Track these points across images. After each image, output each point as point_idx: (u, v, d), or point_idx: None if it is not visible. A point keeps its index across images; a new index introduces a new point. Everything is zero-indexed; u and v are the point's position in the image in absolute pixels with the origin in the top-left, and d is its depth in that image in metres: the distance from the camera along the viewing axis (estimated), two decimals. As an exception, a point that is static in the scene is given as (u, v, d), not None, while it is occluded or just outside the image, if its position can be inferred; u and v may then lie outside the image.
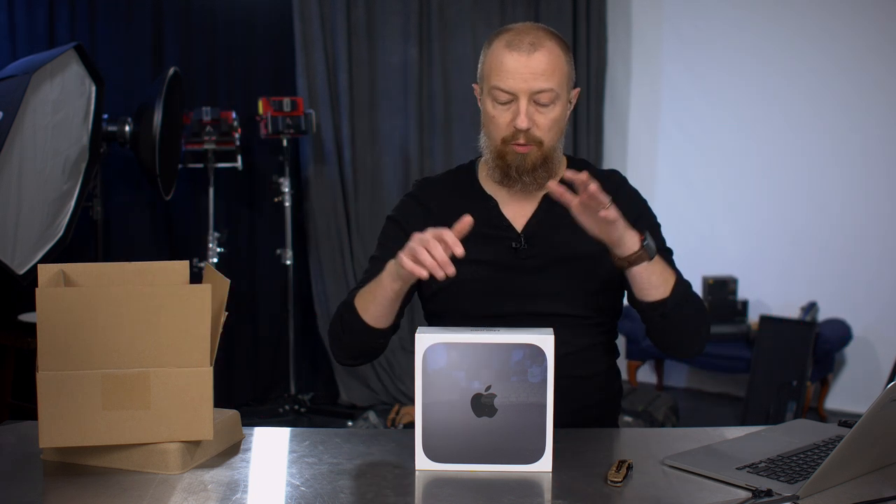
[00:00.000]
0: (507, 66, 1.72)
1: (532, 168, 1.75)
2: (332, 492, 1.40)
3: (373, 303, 1.68)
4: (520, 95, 1.71)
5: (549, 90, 1.71)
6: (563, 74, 1.74)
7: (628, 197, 1.83)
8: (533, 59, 1.71)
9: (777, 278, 4.86)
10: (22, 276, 3.34)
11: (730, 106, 4.99)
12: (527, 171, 1.75)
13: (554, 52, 1.73)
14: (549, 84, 1.71)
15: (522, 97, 1.71)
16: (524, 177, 1.75)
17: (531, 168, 1.75)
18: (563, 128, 1.79)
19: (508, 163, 1.75)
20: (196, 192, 4.64)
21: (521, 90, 1.71)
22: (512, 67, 1.71)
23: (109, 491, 1.40)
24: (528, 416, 1.47)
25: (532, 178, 1.75)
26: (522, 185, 1.77)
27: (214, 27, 4.70)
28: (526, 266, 1.77)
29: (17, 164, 3.27)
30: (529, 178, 1.75)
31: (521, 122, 1.71)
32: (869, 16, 4.56)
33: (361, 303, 1.71)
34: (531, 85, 1.70)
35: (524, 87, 1.70)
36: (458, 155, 4.89)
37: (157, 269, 1.64)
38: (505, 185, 1.80)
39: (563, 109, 1.76)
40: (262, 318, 4.90)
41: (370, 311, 1.69)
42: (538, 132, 1.73)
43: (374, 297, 1.68)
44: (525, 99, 1.71)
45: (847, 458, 1.37)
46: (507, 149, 1.75)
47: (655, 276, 1.64)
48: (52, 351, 1.44)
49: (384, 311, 1.69)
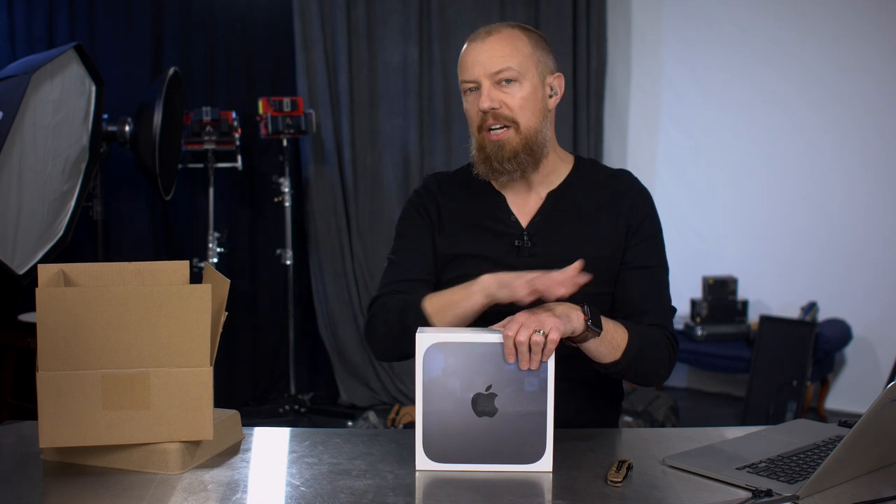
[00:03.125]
0: (466, 59, 1.76)
1: (512, 154, 1.74)
2: (332, 492, 1.40)
3: (452, 312, 1.64)
4: (481, 80, 1.73)
5: (507, 69, 1.72)
6: (525, 56, 1.74)
7: (634, 201, 1.82)
8: (487, 44, 1.74)
9: (777, 278, 4.86)
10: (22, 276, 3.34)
11: (730, 106, 4.99)
12: (507, 159, 1.74)
13: (512, 35, 1.76)
14: (506, 63, 1.72)
15: (484, 81, 1.73)
16: (505, 164, 1.74)
17: (511, 155, 1.74)
18: (543, 110, 1.77)
19: (487, 154, 1.75)
20: (196, 192, 4.64)
21: (480, 75, 1.73)
22: (470, 58, 1.75)
23: (109, 491, 1.40)
24: (529, 417, 1.47)
25: (514, 164, 1.74)
26: (507, 175, 1.76)
27: (214, 27, 4.70)
28: (527, 264, 1.77)
29: (17, 164, 3.27)
30: (511, 166, 1.74)
31: (483, 101, 1.72)
32: (869, 16, 4.56)
33: (436, 310, 1.66)
34: (487, 67, 1.73)
35: (481, 71, 1.73)
36: (458, 155, 4.90)
37: (157, 269, 1.64)
38: (492, 179, 1.79)
39: (534, 90, 1.75)
40: (262, 318, 4.91)
41: (447, 320, 1.65)
42: (508, 111, 1.73)
43: (455, 307, 1.64)
44: (487, 82, 1.73)
45: (847, 458, 1.37)
46: (483, 139, 1.75)
47: (604, 346, 1.61)
48: (52, 351, 1.44)
49: (463, 322, 1.65)
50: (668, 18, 5.17)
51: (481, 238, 1.80)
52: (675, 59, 5.15)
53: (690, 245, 5.02)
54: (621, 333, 1.64)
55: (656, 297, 1.79)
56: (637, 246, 1.79)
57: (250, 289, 4.85)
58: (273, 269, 4.76)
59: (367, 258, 4.90)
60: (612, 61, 5.26)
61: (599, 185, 1.83)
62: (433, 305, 1.67)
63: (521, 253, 1.78)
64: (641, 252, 1.79)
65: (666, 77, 5.19)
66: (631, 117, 5.33)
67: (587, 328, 1.56)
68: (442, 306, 1.66)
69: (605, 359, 1.64)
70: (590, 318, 1.55)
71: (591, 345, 1.60)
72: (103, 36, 4.44)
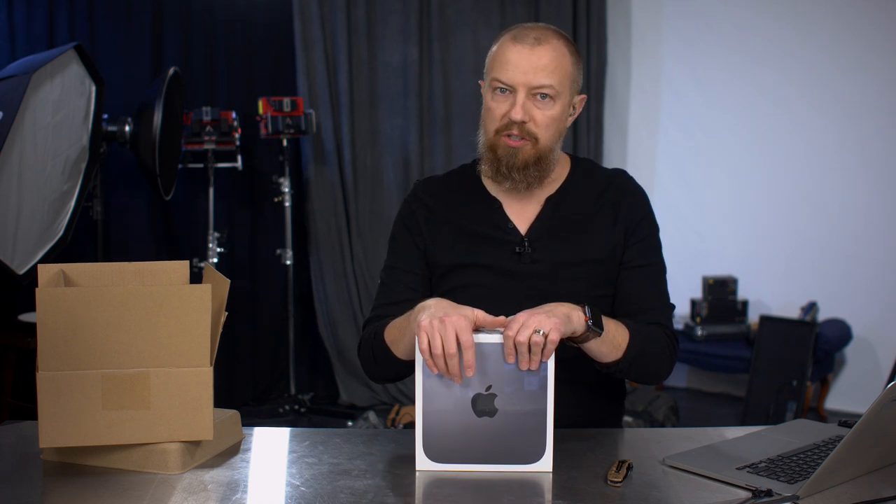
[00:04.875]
0: (510, 58, 1.71)
1: (523, 165, 1.72)
2: (332, 492, 1.40)
3: (402, 341, 1.64)
4: (518, 88, 1.70)
5: (549, 86, 1.70)
6: (566, 74, 1.73)
7: (631, 201, 1.82)
8: (535, 53, 1.70)
9: (777, 278, 4.86)
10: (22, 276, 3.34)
11: (730, 106, 4.99)
12: (517, 168, 1.72)
13: (559, 50, 1.72)
14: (549, 80, 1.70)
15: (521, 90, 1.70)
16: (514, 173, 1.73)
17: (522, 165, 1.72)
18: (563, 130, 1.77)
19: (499, 157, 1.73)
20: (196, 192, 4.64)
21: (520, 83, 1.70)
22: (514, 60, 1.70)
23: (109, 491, 1.40)
24: (529, 417, 1.47)
25: (522, 175, 1.73)
26: (512, 183, 1.74)
27: (214, 27, 4.70)
28: (529, 271, 1.76)
29: (17, 164, 3.27)
30: (519, 176, 1.73)
31: (516, 112, 1.69)
32: (869, 16, 4.56)
33: (392, 339, 1.67)
34: (530, 79, 1.69)
35: (523, 79, 1.69)
36: (458, 155, 4.90)
37: (157, 269, 1.64)
38: (496, 182, 1.78)
39: (563, 110, 1.75)
40: (262, 318, 4.90)
41: (401, 349, 1.65)
42: (534, 128, 1.71)
43: (403, 337, 1.63)
44: (523, 92, 1.70)
45: (847, 458, 1.37)
46: (499, 141, 1.73)
47: (605, 346, 1.61)
48: (52, 351, 1.44)
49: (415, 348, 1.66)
50: (668, 18, 5.17)
51: (480, 246, 1.78)
52: (675, 59, 5.15)
53: (690, 245, 5.02)
54: (622, 333, 1.64)
55: (655, 296, 1.79)
56: (635, 246, 1.79)
57: (250, 289, 4.85)
58: (273, 269, 4.76)
59: (367, 258, 4.90)
60: (612, 61, 5.26)
61: (596, 187, 1.83)
62: (389, 335, 1.68)
63: (523, 259, 1.77)
64: (640, 251, 1.79)
65: (666, 77, 5.19)
66: (631, 117, 5.33)
67: (588, 328, 1.55)
68: (395, 337, 1.66)
69: (607, 358, 1.64)
70: (591, 319, 1.55)
71: (592, 345, 1.60)
72: (103, 36, 4.44)
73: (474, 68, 4.88)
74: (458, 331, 1.44)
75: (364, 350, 1.77)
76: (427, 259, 1.81)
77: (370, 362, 1.75)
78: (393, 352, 1.67)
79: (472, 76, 4.88)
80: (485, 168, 1.78)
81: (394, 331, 1.67)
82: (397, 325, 1.66)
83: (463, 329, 1.44)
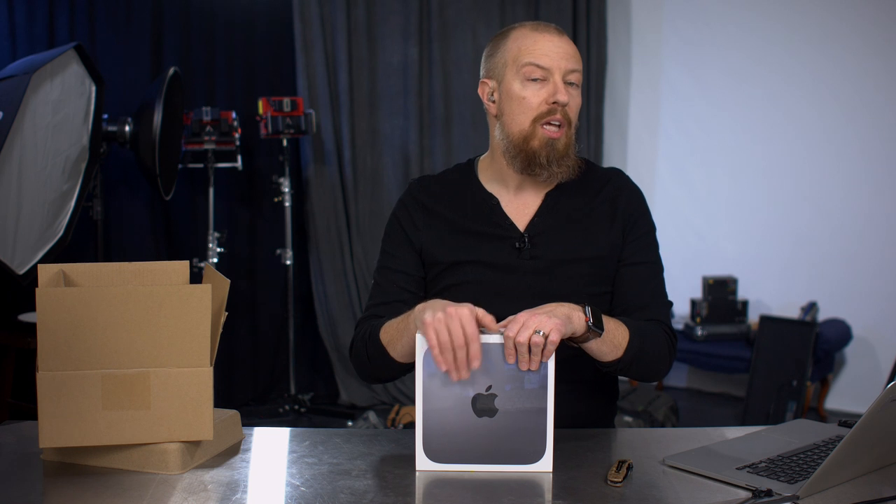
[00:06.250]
0: (541, 45, 1.72)
1: (563, 154, 1.73)
2: (332, 492, 1.40)
3: (399, 342, 1.63)
4: (554, 72, 1.71)
5: (578, 71, 1.74)
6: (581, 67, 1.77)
7: (629, 199, 1.83)
8: (563, 42, 1.74)
9: (777, 278, 4.86)
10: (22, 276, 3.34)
11: (730, 106, 4.99)
12: (557, 158, 1.72)
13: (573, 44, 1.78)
14: (578, 65, 1.74)
15: (557, 74, 1.71)
16: (553, 165, 1.72)
17: (563, 154, 1.73)
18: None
19: (534, 148, 1.72)
20: (196, 192, 4.64)
21: (557, 67, 1.71)
22: (546, 46, 1.72)
23: (109, 491, 1.40)
24: (529, 417, 1.47)
25: (559, 165, 1.73)
26: (549, 174, 1.73)
27: (214, 27, 4.70)
28: (529, 267, 1.77)
29: (17, 164, 3.27)
30: (557, 166, 1.73)
31: (562, 94, 1.70)
32: (869, 16, 4.56)
33: (388, 339, 1.66)
34: (565, 64, 1.72)
35: (560, 64, 1.71)
36: (458, 155, 4.90)
37: (157, 269, 1.64)
38: (530, 175, 1.76)
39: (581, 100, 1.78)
40: (262, 318, 4.91)
41: (398, 350, 1.65)
42: (570, 112, 1.74)
43: (400, 338, 1.62)
44: (559, 76, 1.71)
45: (847, 458, 1.37)
46: (537, 131, 1.72)
47: (605, 345, 1.61)
48: (52, 351, 1.44)
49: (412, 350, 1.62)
50: (668, 18, 5.17)
51: (479, 243, 1.78)
52: (675, 59, 5.15)
53: (690, 245, 5.02)
54: (622, 332, 1.64)
55: (653, 293, 1.79)
56: (633, 243, 1.80)
57: (250, 289, 4.85)
58: (273, 269, 4.76)
59: (367, 258, 4.90)
60: (612, 61, 5.26)
61: (594, 186, 1.83)
62: (385, 336, 1.67)
63: (523, 255, 1.77)
64: (637, 249, 1.80)
65: (666, 77, 5.19)
66: (631, 117, 5.33)
67: (588, 329, 1.55)
68: (391, 338, 1.66)
69: (607, 357, 1.64)
70: (591, 319, 1.55)
71: (592, 345, 1.60)
72: (103, 36, 4.44)
73: (474, 68, 4.87)
74: (463, 323, 1.44)
75: (357, 350, 1.76)
76: (423, 258, 1.81)
77: (363, 362, 1.75)
78: (389, 352, 1.66)
79: (472, 76, 4.89)
80: (517, 163, 1.75)
81: (390, 331, 1.66)
82: (394, 326, 1.66)
83: (468, 321, 1.45)
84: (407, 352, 1.63)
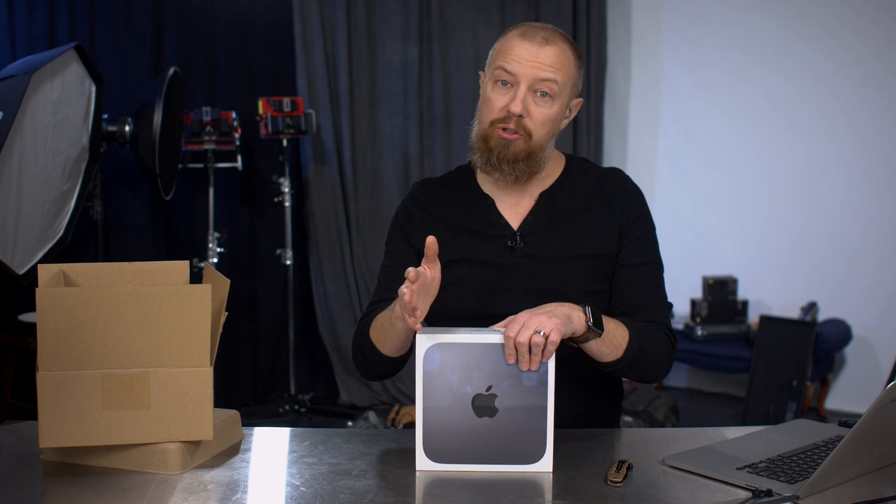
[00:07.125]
0: (516, 51, 1.73)
1: (514, 159, 1.73)
2: (332, 492, 1.40)
3: (387, 338, 1.67)
4: (521, 80, 1.71)
5: (552, 81, 1.71)
6: (568, 75, 1.74)
7: (627, 198, 1.83)
8: (542, 51, 1.72)
9: (777, 278, 4.86)
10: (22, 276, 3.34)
11: (730, 106, 4.99)
12: (507, 161, 1.73)
13: (565, 52, 1.74)
14: (552, 76, 1.71)
15: (523, 83, 1.71)
16: (503, 165, 1.74)
17: (512, 158, 1.73)
18: (557, 130, 1.78)
19: (490, 147, 1.74)
20: (196, 192, 4.64)
21: (524, 75, 1.71)
22: (520, 53, 1.72)
23: (109, 491, 1.40)
24: (529, 417, 1.47)
25: (511, 168, 1.74)
26: (501, 174, 1.75)
27: (214, 27, 4.70)
28: (522, 265, 1.77)
29: (17, 164, 3.27)
30: (508, 168, 1.74)
31: (516, 105, 1.71)
32: (869, 17, 4.56)
33: (376, 335, 1.70)
34: (535, 72, 1.71)
35: (528, 72, 1.71)
36: (458, 155, 4.89)
37: (157, 269, 1.64)
38: (485, 172, 1.79)
39: (561, 111, 1.76)
40: (262, 318, 4.90)
41: (386, 346, 1.68)
42: (530, 124, 1.73)
43: (387, 333, 1.66)
44: (525, 86, 1.71)
45: (847, 458, 1.37)
46: (493, 132, 1.74)
47: (605, 346, 1.62)
48: (52, 351, 1.44)
49: (400, 343, 1.67)
50: (668, 18, 5.17)
51: (473, 242, 1.80)
52: (675, 59, 5.15)
53: (690, 245, 5.02)
54: (622, 332, 1.65)
55: (653, 294, 1.79)
56: (632, 244, 1.80)
57: (250, 289, 4.85)
58: (273, 269, 4.76)
59: (367, 258, 4.90)
60: (612, 61, 5.26)
61: (591, 184, 1.84)
62: (374, 332, 1.70)
63: (515, 253, 1.78)
64: (636, 249, 1.80)
65: (666, 77, 5.19)
66: (631, 117, 5.33)
67: (588, 329, 1.56)
68: (379, 334, 1.69)
69: (607, 358, 1.64)
70: (591, 319, 1.55)
71: (592, 345, 1.60)
72: (103, 36, 4.44)
73: (474, 68, 4.88)
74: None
75: (353, 347, 1.80)
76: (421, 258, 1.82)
77: (359, 358, 1.78)
78: (380, 351, 1.69)
79: (471, 76, 4.88)
80: (475, 159, 1.79)
81: (379, 328, 1.69)
82: (379, 323, 1.69)
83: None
84: (396, 345, 1.66)
